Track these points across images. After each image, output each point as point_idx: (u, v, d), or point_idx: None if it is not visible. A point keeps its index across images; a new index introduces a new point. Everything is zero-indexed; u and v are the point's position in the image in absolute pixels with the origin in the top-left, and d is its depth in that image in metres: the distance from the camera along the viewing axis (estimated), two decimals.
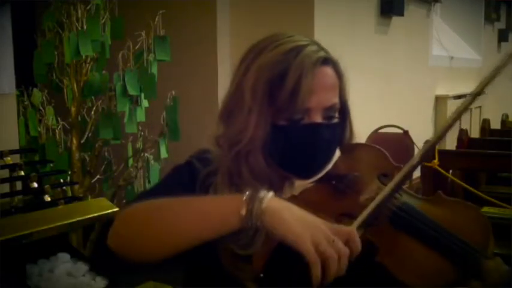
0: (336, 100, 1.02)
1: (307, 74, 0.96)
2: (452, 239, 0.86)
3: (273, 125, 0.98)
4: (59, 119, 2.51)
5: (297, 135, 0.98)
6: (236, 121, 1.00)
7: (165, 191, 0.97)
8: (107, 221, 1.84)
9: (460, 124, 6.11)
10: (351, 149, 1.05)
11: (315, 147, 0.98)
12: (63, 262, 1.73)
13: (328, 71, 1.01)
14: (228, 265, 0.96)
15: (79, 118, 2.56)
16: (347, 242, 0.83)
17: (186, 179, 1.05)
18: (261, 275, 0.95)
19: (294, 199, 0.95)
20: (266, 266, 0.97)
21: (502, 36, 8.07)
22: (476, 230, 0.89)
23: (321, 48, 1.03)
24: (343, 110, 1.07)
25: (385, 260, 0.88)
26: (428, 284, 0.84)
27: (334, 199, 0.94)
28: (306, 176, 0.99)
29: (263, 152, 0.99)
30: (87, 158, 2.58)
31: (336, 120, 1.03)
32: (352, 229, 0.84)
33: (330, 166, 1.00)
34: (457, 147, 3.78)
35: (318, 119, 0.99)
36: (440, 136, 0.90)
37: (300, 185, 0.98)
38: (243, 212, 0.85)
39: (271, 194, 0.88)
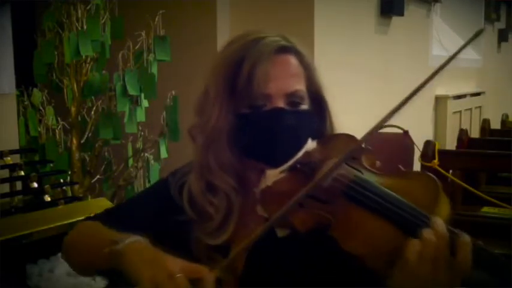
0: (299, 87, 1.02)
1: (263, 60, 0.98)
2: (401, 206, 0.87)
3: (237, 114, 1.00)
4: (59, 119, 2.51)
5: (259, 121, 1.00)
6: (203, 113, 1.05)
7: (137, 208, 1.11)
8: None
9: (460, 124, 6.13)
10: (327, 140, 1.05)
11: (279, 132, 0.99)
12: (63, 262, 1.73)
13: (289, 59, 1.03)
14: (201, 256, 1.00)
15: (79, 118, 2.55)
16: (198, 281, 0.86)
17: (158, 194, 1.13)
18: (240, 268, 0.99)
19: (267, 190, 0.97)
20: (246, 261, 0.99)
21: (502, 36, 8.06)
22: (425, 195, 0.90)
23: (285, 40, 1.05)
24: (318, 101, 1.08)
25: (335, 233, 0.90)
26: (377, 251, 0.85)
27: (302, 184, 0.94)
28: (274, 164, 0.99)
29: (229, 142, 1.01)
30: (87, 158, 2.58)
31: (303, 108, 1.03)
32: (205, 270, 0.87)
33: (300, 154, 1.00)
34: (457, 147, 3.78)
35: (280, 104, 1.00)
36: (384, 119, 0.98)
37: (273, 174, 0.99)
38: (107, 251, 0.96)
39: (135, 238, 0.94)
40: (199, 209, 1.03)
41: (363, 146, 1.01)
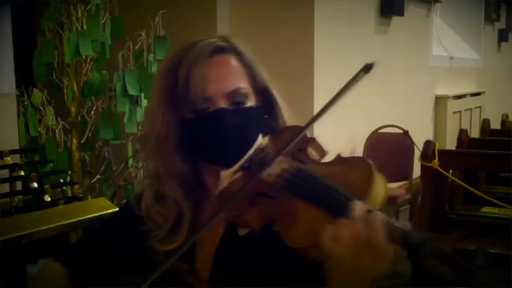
0: (239, 85, 1.01)
1: (198, 63, 0.98)
2: (333, 194, 0.87)
3: (182, 120, 1.01)
4: (59, 119, 2.51)
5: (204, 124, 0.99)
6: (149, 122, 1.06)
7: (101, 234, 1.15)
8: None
9: (460, 124, 6.13)
10: (278, 134, 1.04)
11: (225, 132, 0.99)
12: None
13: (226, 58, 1.02)
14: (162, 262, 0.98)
15: (79, 118, 2.55)
16: None
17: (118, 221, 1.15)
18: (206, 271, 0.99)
19: (224, 191, 0.98)
20: (214, 262, 1.00)
21: (502, 36, 8.07)
22: (360, 178, 0.90)
23: (223, 40, 1.05)
24: (265, 96, 1.06)
25: (279, 228, 0.90)
26: (316, 242, 0.84)
27: (257, 182, 0.94)
28: (226, 164, 0.99)
29: (177, 148, 1.02)
30: (87, 158, 2.58)
31: (248, 105, 1.02)
32: None
33: (251, 152, 0.99)
34: (457, 147, 3.78)
35: (222, 105, 0.99)
36: (325, 107, 0.95)
37: (227, 175, 0.99)
38: None
39: None
40: (150, 218, 1.04)
41: (308, 136, 1.00)
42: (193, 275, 1.00)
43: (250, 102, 1.02)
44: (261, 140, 1.01)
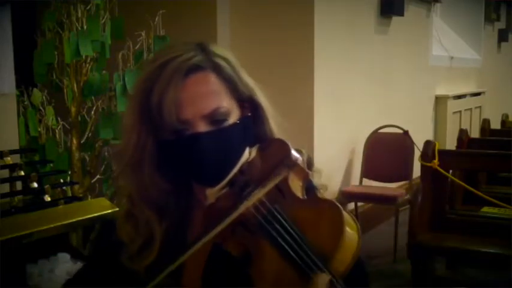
0: (218, 104, 0.95)
1: (171, 86, 0.93)
2: (304, 250, 0.84)
3: (161, 140, 0.97)
4: (59, 119, 2.51)
5: (182, 147, 0.95)
6: (123, 139, 1.00)
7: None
8: (107, 221, 1.84)
9: (460, 124, 6.13)
10: (265, 146, 0.99)
11: (203, 155, 0.95)
12: (63, 262, 1.73)
13: (203, 77, 0.96)
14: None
15: (79, 118, 2.56)
16: None
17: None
18: None
19: (210, 207, 0.95)
20: (204, 276, 0.97)
21: (502, 36, 8.06)
22: (329, 230, 0.85)
23: (199, 54, 0.97)
24: (252, 106, 1.02)
25: (252, 271, 0.86)
26: None
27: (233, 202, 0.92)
28: (210, 184, 0.97)
29: (153, 167, 0.98)
30: (87, 158, 2.58)
31: (229, 123, 0.97)
32: None
33: (237, 168, 0.97)
34: (457, 147, 3.78)
35: (201, 127, 0.94)
36: None
37: (213, 192, 0.96)
38: None
39: None
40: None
41: (290, 161, 0.94)
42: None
43: (233, 118, 0.97)
44: (248, 153, 0.98)
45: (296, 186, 0.92)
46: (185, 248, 0.91)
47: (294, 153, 0.94)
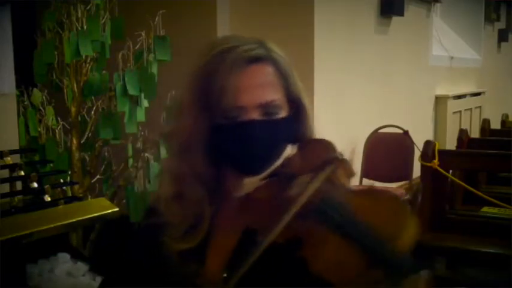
0: (274, 97, 1.00)
1: (234, 72, 0.97)
2: (365, 231, 0.87)
3: (213, 124, 1.00)
4: (59, 119, 2.51)
5: (233, 132, 0.99)
6: (179, 122, 1.05)
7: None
8: (107, 221, 1.85)
9: (460, 124, 6.13)
10: (306, 145, 1.04)
11: (254, 142, 0.99)
12: (63, 262, 1.73)
13: (262, 68, 1.01)
14: (176, 262, 1.00)
15: (79, 118, 2.55)
16: None
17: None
18: (224, 274, 0.97)
19: (247, 197, 0.99)
20: (229, 264, 0.98)
21: (502, 36, 8.07)
22: (393, 219, 0.90)
23: (260, 47, 1.02)
24: (297, 107, 1.06)
25: (306, 253, 0.90)
26: (340, 273, 0.86)
27: (281, 190, 0.95)
28: (250, 173, 1.00)
29: (204, 151, 1.02)
30: (87, 158, 2.58)
31: (279, 116, 1.01)
32: None
33: (279, 162, 1.00)
34: (457, 147, 3.78)
35: (254, 115, 0.99)
36: None
37: (252, 182, 1.00)
38: None
39: None
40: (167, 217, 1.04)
41: (340, 157, 1.00)
42: (201, 276, 0.99)
43: (282, 113, 1.02)
44: (290, 151, 1.02)
45: (344, 180, 0.99)
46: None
47: (339, 152, 1.00)
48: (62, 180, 2.19)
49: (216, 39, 1.08)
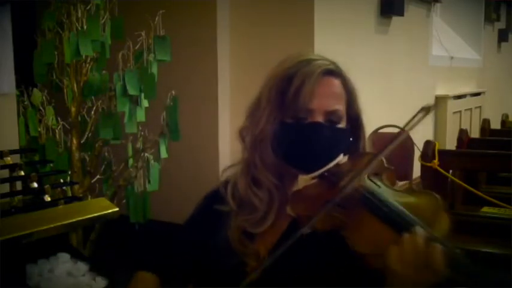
0: (338, 107, 1.16)
1: (310, 79, 1.12)
2: (402, 215, 1.01)
3: (282, 122, 1.14)
4: (59, 119, 2.51)
5: (299, 131, 1.13)
6: (253, 117, 1.19)
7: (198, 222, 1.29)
8: (107, 221, 1.85)
9: (460, 124, 6.13)
10: (356, 156, 1.18)
11: (315, 143, 1.13)
12: (63, 262, 1.73)
13: (334, 81, 1.17)
14: (235, 240, 1.16)
15: (79, 118, 2.55)
16: None
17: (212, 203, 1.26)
18: (265, 257, 1.11)
19: (297, 192, 1.12)
20: (272, 250, 1.12)
21: (502, 36, 8.06)
22: (429, 211, 1.03)
23: (333, 65, 1.20)
24: (355, 122, 1.21)
25: (347, 233, 1.04)
26: (379, 251, 0.98)
27: (328, 190, 1.09)
28: (306, 170, 1.13)
29: (272, 144, 1.15)
30: (87, 158, 2.58)
31: (339, 126, 1.16)
32: None
33: (331, 165, 1.13)
34: (457, 147, 3.78)
35: (320, 119, 1.13)
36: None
37: (304, 179, 1.13)
38: None
39: None
40: (243, 201, 1.18)
41: (386, 165, 1.16)
42: (253, 257, 1.14)
43: (342, 124, 1.17)
44: (341, 158, 1.16)
45: (388, 183, 1.13)
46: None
47: (385, 162, 1.15)
48: (62, 180, 2.19)
49: (296, 52, 1.25)
